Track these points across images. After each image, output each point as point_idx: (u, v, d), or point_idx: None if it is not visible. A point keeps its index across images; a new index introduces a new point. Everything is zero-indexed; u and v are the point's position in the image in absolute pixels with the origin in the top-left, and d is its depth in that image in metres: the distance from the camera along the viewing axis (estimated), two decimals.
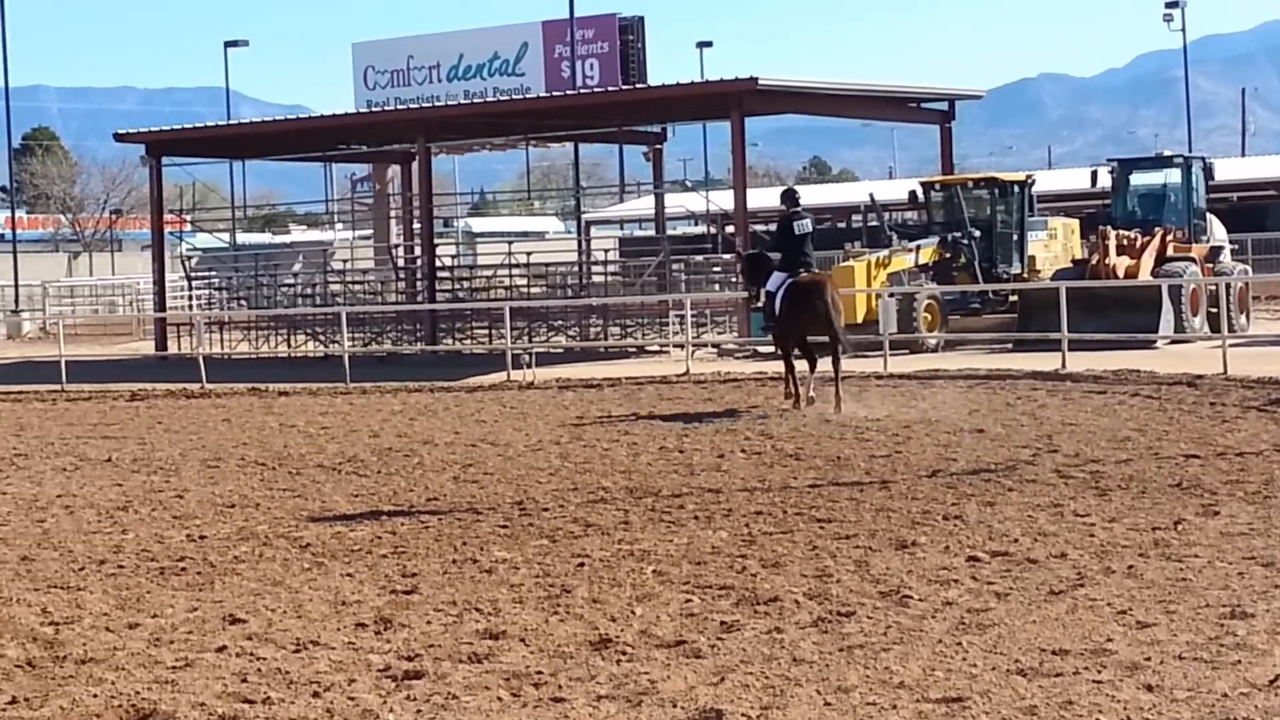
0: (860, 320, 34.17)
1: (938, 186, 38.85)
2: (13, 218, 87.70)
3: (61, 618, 11.37)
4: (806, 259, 24.28)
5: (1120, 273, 34.17)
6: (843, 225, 68.27)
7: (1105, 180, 38.93)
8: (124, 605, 11.74)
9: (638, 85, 44.24)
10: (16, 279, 63.23)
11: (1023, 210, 37.31)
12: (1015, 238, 37.10)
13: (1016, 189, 37.52)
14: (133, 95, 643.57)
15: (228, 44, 77.81)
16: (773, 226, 30.34)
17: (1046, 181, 53.13)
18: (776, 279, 24.31)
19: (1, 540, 14.88)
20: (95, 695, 9.24)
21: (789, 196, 25.15)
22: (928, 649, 9.59)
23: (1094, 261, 34.95)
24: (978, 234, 36.50)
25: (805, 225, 24.43)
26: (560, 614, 10.89)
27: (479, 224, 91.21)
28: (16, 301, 63.63)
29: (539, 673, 9.39)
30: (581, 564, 12.57)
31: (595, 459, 19.08)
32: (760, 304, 25.75)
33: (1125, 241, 35.04)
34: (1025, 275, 36.64)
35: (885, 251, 36.00)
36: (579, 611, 10.94)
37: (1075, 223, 40.25)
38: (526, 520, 14.78)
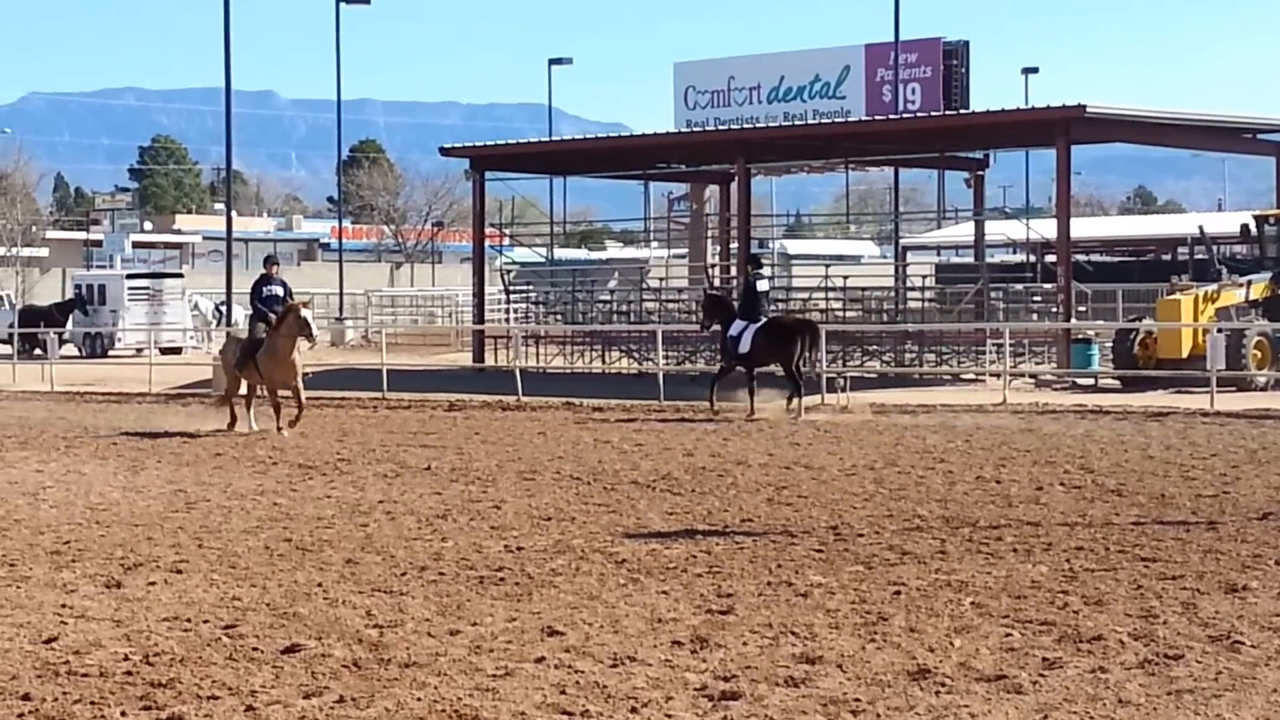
0: (1186, 355, 33.34)
1: (1272, 220, 37.68)
2: (339, 227, 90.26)
3: (385, 621, 11.59)
4: (763, 311, 30.01)
5: None
6: (1168, 258, 66.58)
7: None
8: (445, 612, 11.93)
9: (960, 111, 43.76)
10: (341, 287, 65.03)
11: None
12: None
13: None
14: (456, 110, 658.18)
15: (552, 61, 79.02)
16: (1093, 256, 30.52)
17: None
18: (739, 325, 29.19)
19: (328, 543, 15.27)
20: (419, 699, 9.40)
21: (753, 260, 31.45)
22: (1261, 698, 9.25)
23: None
24: None
25: (764, 285, 30.81)
26: (877, 642, 10.76)
27: (794, 246, 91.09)
28: (341, 309, 65.44)
29: (856, 700, 9.28)
30: (898, 592, 12.41)
31: (910, 486, 18.88)
32: (709, 330, 31.41)
33: None
34: None
35: (1214, 286, 35.11)
36: (896, 640, 10.79)
37: None
38: (841, 545, 14.66)
